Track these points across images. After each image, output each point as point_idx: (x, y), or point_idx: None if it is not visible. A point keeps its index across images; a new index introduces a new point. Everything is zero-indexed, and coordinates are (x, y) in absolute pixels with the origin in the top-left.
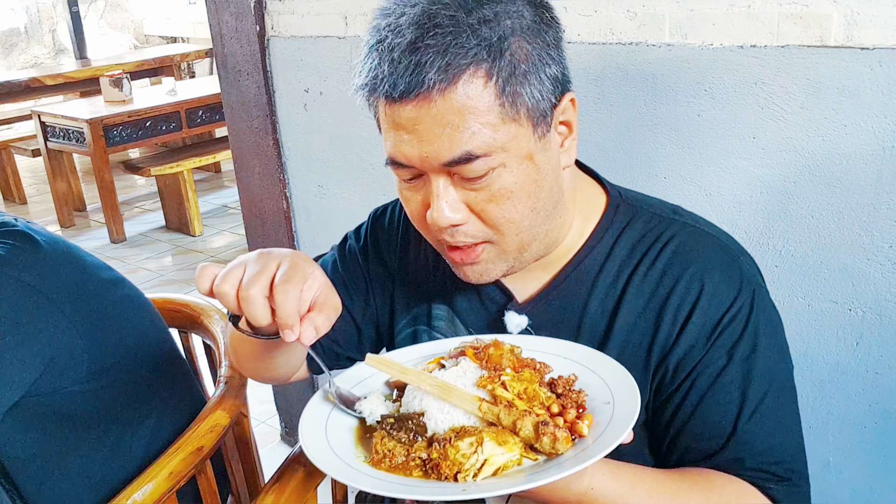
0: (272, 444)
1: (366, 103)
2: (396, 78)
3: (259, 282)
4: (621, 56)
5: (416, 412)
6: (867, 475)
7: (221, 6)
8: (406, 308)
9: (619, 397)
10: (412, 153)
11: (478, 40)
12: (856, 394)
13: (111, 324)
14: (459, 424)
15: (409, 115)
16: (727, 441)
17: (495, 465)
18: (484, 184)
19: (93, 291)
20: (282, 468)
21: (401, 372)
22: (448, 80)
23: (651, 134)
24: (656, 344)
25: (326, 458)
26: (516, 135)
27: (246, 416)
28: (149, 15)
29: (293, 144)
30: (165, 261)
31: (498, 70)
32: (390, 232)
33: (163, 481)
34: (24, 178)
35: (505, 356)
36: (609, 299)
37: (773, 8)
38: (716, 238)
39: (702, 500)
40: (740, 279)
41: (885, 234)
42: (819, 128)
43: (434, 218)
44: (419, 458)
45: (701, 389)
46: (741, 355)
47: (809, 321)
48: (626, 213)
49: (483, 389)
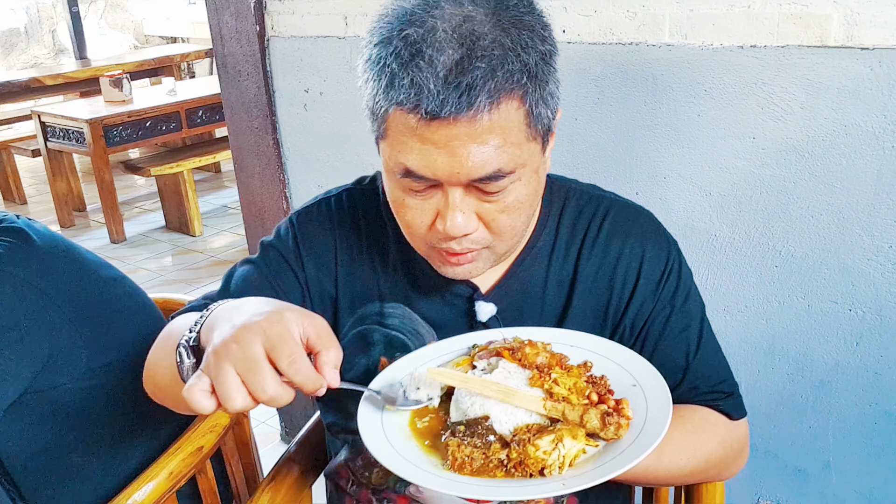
0: (272, 444)
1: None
2: (446, 97)
3: (267, 378)
4: (621, 56)
5: (480, 416)
6: (867, 475)
7: (221, 6)
8: (351, 310)
9: (641, 378)
10: (441, 168)
11: (520, 65)
12: (856, 394)
13: (111, 322)
14: (523, 423)
15: (447, 133)
16: (683, 375)
17: (570, 456)
18: (500, 196)
19: (92, 289)
20: (277, 467)
21: (463, 381)
22: (494, 102)
23: (651, 134)
24: (611, 305)
25: (416, 472)
26: (533, 151)
27: (246, 416)
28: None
29: (293, 144)
30: (165, 261)
31: (531, 94)
32: (323, 234)
33: (163, 481)
34: (24, 178)
35: (540, 353)
36: (564, 272)
37: (773, 8)
38: (639, 207)
39: (683, 435)
40: (667, 240)
41: (885, 234)
42: (819, 128)
43: (449, 228)
44: (497, 459)
45: (654, 337)
46: (679, 303)
47: (809, 321)
48: (559, 195)
49: (538, 388)
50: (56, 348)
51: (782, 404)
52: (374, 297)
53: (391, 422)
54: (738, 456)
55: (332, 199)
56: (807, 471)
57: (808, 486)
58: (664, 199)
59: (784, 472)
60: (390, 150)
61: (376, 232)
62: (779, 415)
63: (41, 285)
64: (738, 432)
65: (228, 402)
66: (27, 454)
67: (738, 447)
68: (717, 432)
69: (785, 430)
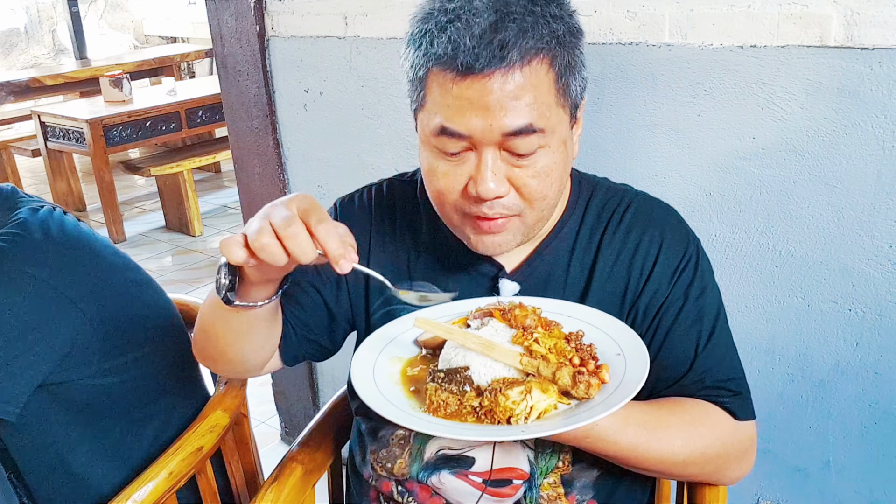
0: (272, 444)
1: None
2: (480, 51)
3: (295, 222)
4: (621, 56)
5: (461, 367)
6: (867, 475)
7: (221, 6)
8: (381, 291)
9: (627, 349)
10: (475, 124)
11: (549, 31)
12: (856, 394)
13: (127, 324)
14: (500, 376)
15: (481, 88)
16: (690, 366)
17: (539, 409)
18: (530, 161)
19: (112, 291)
20: (280, 466)
21: (447, 332)
22: (525, 60)
23: (651, 134)
24: (628, 291)
25: (390, 410)
26: (561, 119)
27: (246, 416)
28: (149, 15)
29: (293, 144)
30: (165, 261)
31: (559, 60)
32: (361, 218)
33: (163, 481)
34: (24, 178)
35: (529, 316)
36: (587, 258)
37: (773, 8)
38: (663, 203)
39: (679, 422)
40: (687, 234)
41: (885, 234)
42: (819, 128)
43: (481, 190)
44: (470, 406)
45: (666, 326)
46: (694, 295)
47: (809, 321)
48: (588, 187)
49: (519, 345)
50: (72, 347)
51: (782, 404)
52: (404, 277)
53: (383, 366)
54: (742, 457)
55: (373, 189)
56: (807, 471)
57: (808, 485)
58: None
59: (784, 471)
60: (427, 115)
61: (410, 215)
62: (779, 415)
63: (59, 285)
64: (743, 433)
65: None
66: (34, 448)
67: (740, 448)
68: (717, 427)
69: (785, 430)
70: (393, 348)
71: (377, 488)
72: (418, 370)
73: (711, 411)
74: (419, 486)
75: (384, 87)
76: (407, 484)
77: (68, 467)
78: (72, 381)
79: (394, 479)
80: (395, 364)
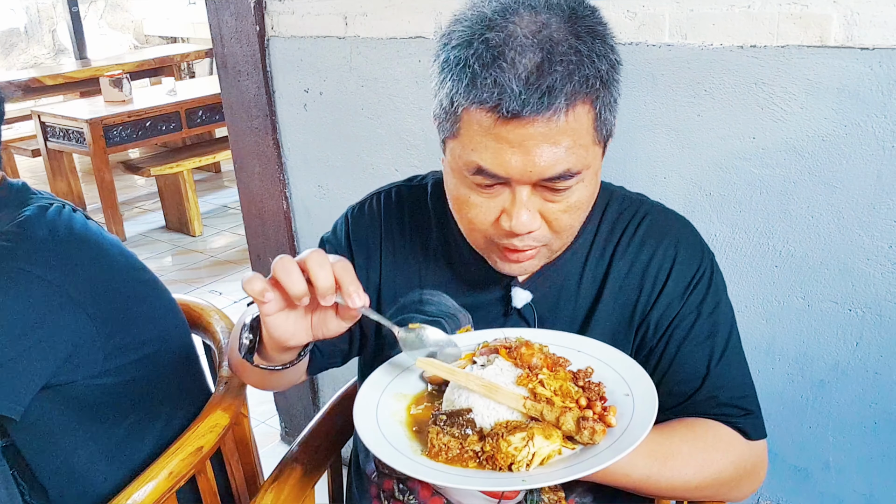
0: (272, 444)
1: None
2: (527, 97)
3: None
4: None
5: (464, 408)
6: (867, 475)
7: (221, 6)
8: (393, 298)
9: (636, 389)
10: (515, 167)
11: (594, 71)
12: (856, 394)
13: (132, 324)
14: (504, 419)
15: (523, 133)
16: (703, 382)
17: (542, 455)
18: (564, 196)
19: (116, 291)
20: (280, 466)
21: (449, 372)
22: (570, 105)
23: (651, 134)
24: (639, 304)
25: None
26: (596, 154)
27: (246, 416)
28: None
29: (293, 144)
30: (165, 261)
31: (601, 100)
32: (371, 228)
33: (163, 481)
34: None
35: (535, 355)
36: (599, 268)
37: (773, 8)
38: (679, 216)
39: (692, 450)
40: (702, 249)
41: (885, 234)
42: (819, 128)
43: (514, 226)
44: (472, 450)
45: (677, 340)
46: (707, 310)
47: (809, 321)
48: (603, 196)
49: (523, 387)
50: (76, 346)
51: (782, 404)
52: (415, 285)
53: (387, 404)
54: (752, 476)
55: (381, 195)
56: (807, 471)
57: (808, 486)
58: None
59: (784, 472)
60: (462, 149)
61: (420, 223)
62: (779, 415)
63: (65, 285)
64: (755, 453)
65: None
66: (41, 447)
67: (751, 468)
68: (730, 451)
69: (785, 430)
70: (398, 383)
71: (379, 485)
72: (423, 408)
73: (724, 435)
74: (421, 485)
75: (384, 87)
76: (409, 482)
77: (72, 467)
78: (77, 381)
79: (395, 477)
80: (400, 401)
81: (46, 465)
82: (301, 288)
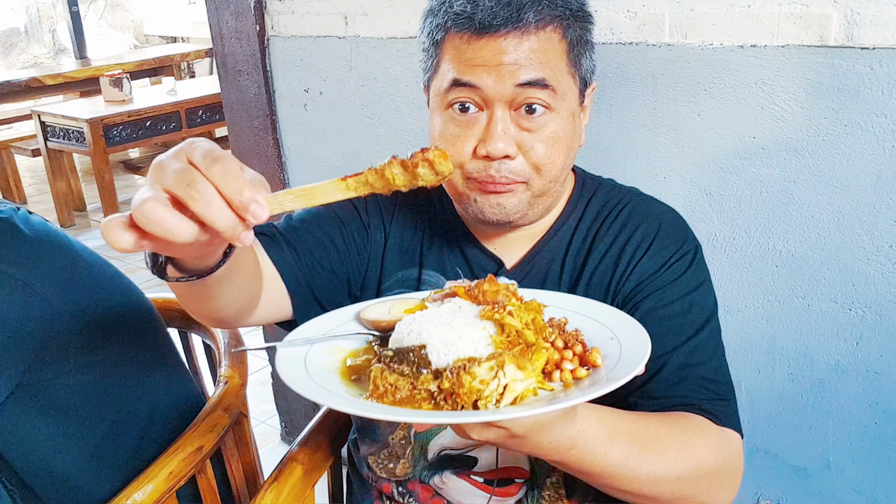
0: (272, 444)
1: (436, 39)
2: (497, 10)
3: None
4: (621, 56)
5: (416, 345)
6: (867, 475)
7: (221, 6)
8: (394, 270)
9: (622, 333)
10: (489, 76)
11: (563, 3)
12: (856, 394)
13: (101, 318)
14: (465, 356)
15: (496, 48)
16: (671, 355)
17: (515, 391)
18: (539, 124)
19: (85, 285)
20: (280, 466)
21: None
22: (540, 25)
23: (651, 134)
24: (613, 281)
25: (326, 396)
26: (571, 89)
27: (246, 416)
28: (149, 15)
29: (293, 144)
30: None
31: (571, 32)
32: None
33: (163, 481)
34: (24, 178)
35: (502, 292)
36: (581, 253)
37: (773, 8)
38: (668, 207)
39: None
40: (686, 233)
41: (885, 234)
42: (819, 128)
43: (490, 149)
44: (426, 390)
45: (646, 309)
46: (683, 289)
47: (809, 321)
48: (591, 186)
49: (489, 321)
50: (45, 343)
51: (782, 404)
52: (416, 262)
53: (319, 355)
54: (732, 475)
55: None
56: (807, 471)
57: (808, 485)
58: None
59: (784, 472)
60: (441, 79)
61: (427, 203)
62: (779, 415)
63: (29, 280)
64: (732, 447)
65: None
66: (21, 453)
67: (731, 464)
68: (707, 437)
69: (785, 430)
70: (334, 336)
71: (377, 488)
72: (363, 360)
73: (700, 422)
74: (421, 487)
75: (384, 87)
76: (408, 484)
77: (58, 470)
78: (49, 381)
79: (394, 481)
80: (335, 354)
81: (32, 470)
82: (189, 233)
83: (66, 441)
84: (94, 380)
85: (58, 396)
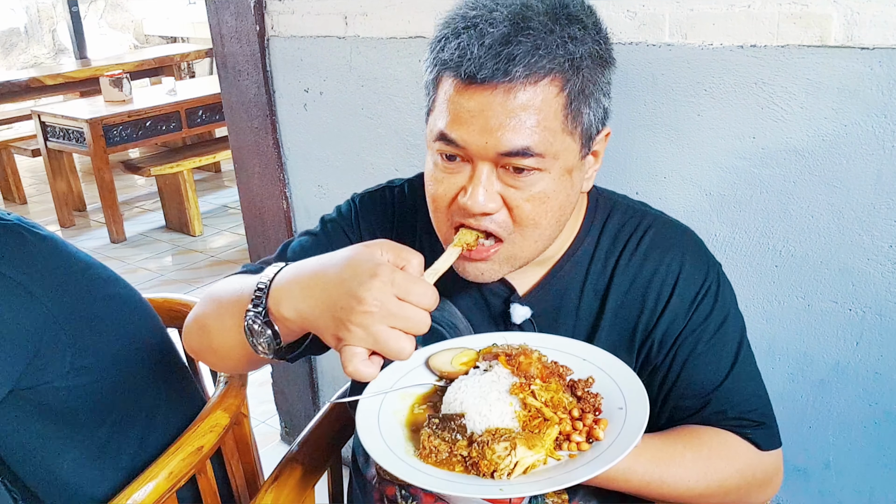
0: (272, 444)
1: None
2: (485, 61)
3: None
4: (621, 56)
5: (457, 413)
6: (867, 475)
7: (221, 6)
8: None
9: (631, 404)
10: (472, 138)
11: (565, 52)
12: (856, 394)
13: (98, 321)
14: (494, 426)
15: (483, 101)
16: (710, 399)
17: (525, 465)
18: (527, 182)
19: (81, 288)
20: (280, 466)
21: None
22: (531, 79)
23: (651, 134)
24: (641, 321)
25: (383, 452)
26: (568, 147)
27: (246, 416)
28: (149, 15)
29: (293, 144)
30: (165, 261)
31: (571, 84)
32: (384, 218)
33: (163, 481)
34: (24, 178)
35: (533, 364)
36: (600, 283)
37: (773, 8)
38: (684, 227)
39: (695, 457)
40: (707, 262)
41: (885, 234)
42: (819, 128)
43: (468, 203)
44: (460, 455)
45: (683, 357)
46: (714, 325)
47: (809, 321)
48: (605, 206)
49: (516, 397)
50: (41, 346)
51: (782, 404)
52: None
53: (391, 403)
54: (766, 484)
55: (395, 189)
56: (807, 471)
57: (808, 485)
58: (664, 199)
59: (784, 471)
60: (432, 119)
61: (429, 225)
62: (779, 415)
63: (25, 283)
64: (766, 462)
65: (403, 354)
66: (22, 456)
67: (763, 477)
68: (736, 459)
69: (785, 430)
70: (406, 382)
71: (381, 491)
72: (424, 408)
73: (731, 442)
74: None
75: (384, 87)
76: (412, 489)
77: (59, 474)
78: (46, 384)
79: (397, 484)
80: (405, 400)
81: (32, 473)
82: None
83: (67, 444)
84: (90, 382)
85: (55, 402)
